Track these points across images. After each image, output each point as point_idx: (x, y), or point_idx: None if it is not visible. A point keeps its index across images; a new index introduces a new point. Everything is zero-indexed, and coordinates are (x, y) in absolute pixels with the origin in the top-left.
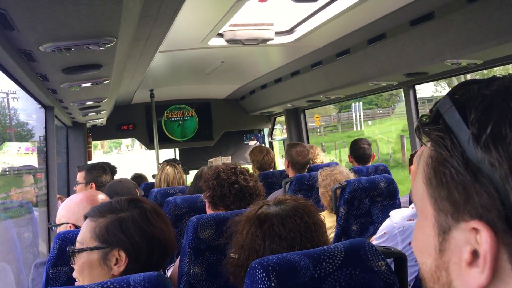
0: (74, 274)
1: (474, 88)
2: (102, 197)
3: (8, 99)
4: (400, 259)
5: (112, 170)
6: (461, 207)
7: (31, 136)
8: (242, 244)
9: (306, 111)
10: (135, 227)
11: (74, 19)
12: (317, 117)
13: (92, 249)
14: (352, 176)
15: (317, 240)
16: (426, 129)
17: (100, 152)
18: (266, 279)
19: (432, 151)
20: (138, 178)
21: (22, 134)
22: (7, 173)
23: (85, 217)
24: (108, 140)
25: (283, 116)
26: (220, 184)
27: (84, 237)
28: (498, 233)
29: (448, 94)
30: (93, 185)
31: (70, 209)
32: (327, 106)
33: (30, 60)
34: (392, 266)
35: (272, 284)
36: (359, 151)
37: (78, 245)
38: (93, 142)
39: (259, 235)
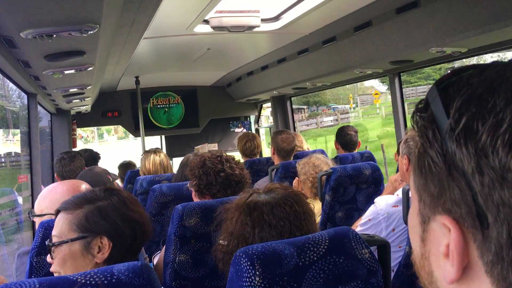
0: (53, 269)
1: (464, 76)
2: (85, 186)
3: None
4: (384, 246)
5: (94, 157)
6: (436, 199)
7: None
8: (231, 232)
9: (364, 85)
10: (115, 213)
11: (54, 5)
12: (376, 94)
13: (73, 240)
14: (330, 162)
15: (307, 228)
16: (417, 117)
17: (115, 138)
18: (251, 267)
19: (418, 140)
20: (126, 166)
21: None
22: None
23: (58, 211)
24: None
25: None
26: (206, 172)
27: (61, 230)
28: (468, 229)
29: (436, 82)
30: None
31: (56, 200)
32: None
33: (11, 46)
34: (376, 253)
35: (257, 272)
36: (346, 138)
37: (55, 239)
38: (106, 127)
39: (248, 223)
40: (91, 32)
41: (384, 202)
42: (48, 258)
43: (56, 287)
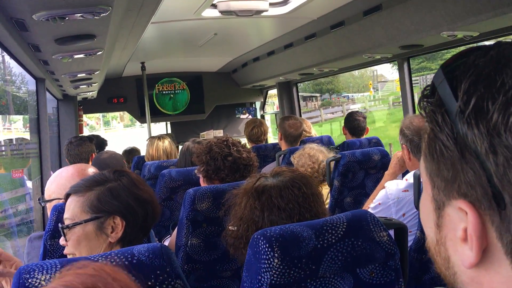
0: (68, 251)
1: (470, 58)
2: (92, 170)
3: None
4: (401, 229)
5: (101, 143)
6: (450, 184)
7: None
8: (240, 216)
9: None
10: (126, 193)
11: None
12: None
13: (87, 221)
14: (324, 149)
15: (315, 210)
16: (424, 103)
17: (121, 125)
18: (269, 249)
19: (428, 126)
20: (129, 152)
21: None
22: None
23: (67, 195)
24: (126, 113)
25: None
26: (214, 157)
27: (74, 213)
28: (485, 211)
29: (441, 65)
30: None
31: (62, 185)
32: None
33: (22, 29)
34: (393, 236)
35: (275, 254)
36: (354, 123)
37: (68, 222)
38: (111, 114)
39: (257, 206)
40: (103, 14)
41: (395, 187)
42: (62, 241)
43: None
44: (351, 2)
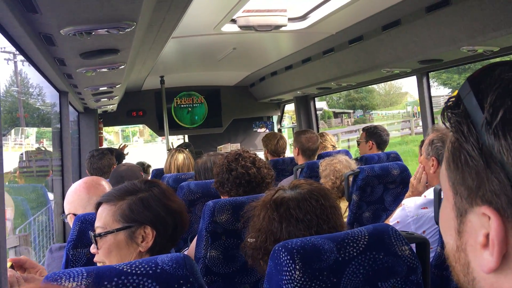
0: (98, 259)
1: (496, 72)
2: (103, 182)
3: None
4: (423, 244)
5: (119, 156)
6: (474, 192)
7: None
8: (259, 228)
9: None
10: (157, 203)
11: (96, 3)
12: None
13: (119, 230)
14: (353, 164)
15: (334, 222)
16: (448, 114)
17: (141, 141)
18: (291, 261)
19: (452, 136)
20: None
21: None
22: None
23: (99, 204)
24: (147, 128)
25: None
26: (221, 171)
27: (106, 221)
28: (508, 218)
29: (468, 78)
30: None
31: (69, 200)
32: None
33: (49, 44)
34: (414, 250)
35: (297, 266)
36: (381, 138)
37: (100, 230)
38: (131, 129)
39: (276, 218)
40: (128, 30)
41: (413, 204)
42: (93, 249)
43: (103, 276)
44: (370, 17)
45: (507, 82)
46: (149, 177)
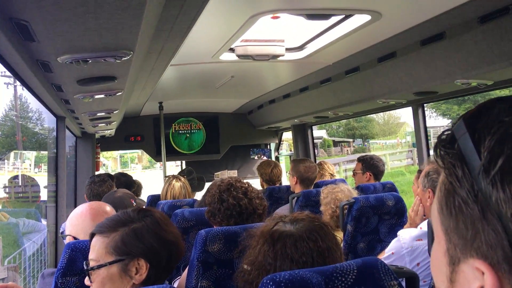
0: None
1: (494, 112)
2: (108, 208)
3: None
4: (412, 278)
5: (130, 183)
6: (469, 242)
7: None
8: (253, 261)
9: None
10: (150, 234)
11: (93, 32)
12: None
13: (111, 263)
14: (354, 194)
15: (329, 264)
16: (442, 152)
17: (139, 167)
18: None
19: (445, 177)
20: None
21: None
22: None
23: (92, 235)
24: (146, 154)
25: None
26: (213, 201)
27: (99, 254)
28: (504, 274)
29: (463, 117)
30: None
31: (72, 222)
32: None
33: (46, 71)
34: (404, 285)
35: None
36: (378, 168)
37: (93, 263)
38: (130, 155)
39: (270, 254)
40: (125, 58)
41: (408, 236)
42: (86, 281)
43: None
44: (366, 49)
45: (506, 125)
46: (145, 201)
